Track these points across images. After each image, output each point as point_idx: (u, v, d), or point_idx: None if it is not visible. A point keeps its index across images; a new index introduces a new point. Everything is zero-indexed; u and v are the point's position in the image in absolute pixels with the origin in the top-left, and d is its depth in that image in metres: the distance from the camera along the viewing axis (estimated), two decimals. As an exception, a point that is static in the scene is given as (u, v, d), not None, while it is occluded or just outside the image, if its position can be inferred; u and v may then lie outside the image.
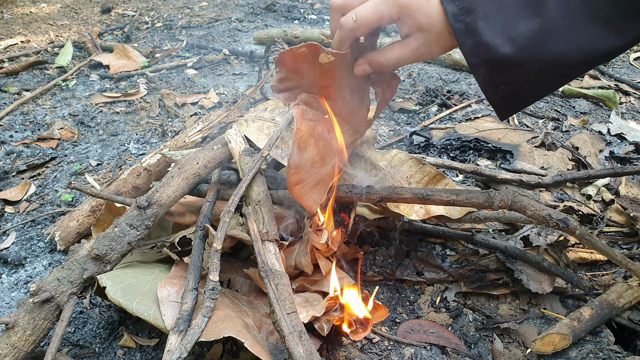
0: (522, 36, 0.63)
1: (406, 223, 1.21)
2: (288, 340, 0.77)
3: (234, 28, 3.33)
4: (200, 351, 1.00)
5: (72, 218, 1.33)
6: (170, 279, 0.96)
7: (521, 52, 0.64)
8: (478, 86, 2.22)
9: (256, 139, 1.16)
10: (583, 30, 0.63)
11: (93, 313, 1.12)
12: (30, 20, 3.61)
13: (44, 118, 2.09)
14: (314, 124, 0.92)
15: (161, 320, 0.86)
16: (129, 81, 2.49)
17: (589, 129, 1.85)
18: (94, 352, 1.03)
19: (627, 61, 2.48)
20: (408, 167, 1.20)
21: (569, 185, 1.48)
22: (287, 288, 0.85)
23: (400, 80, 0.98)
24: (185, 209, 1.21)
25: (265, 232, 0.92)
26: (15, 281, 1.24)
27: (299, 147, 0.91)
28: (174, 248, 1.09)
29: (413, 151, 1.72)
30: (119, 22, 3.58)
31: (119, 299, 0.87)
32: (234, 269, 1.12)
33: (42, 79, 2.54)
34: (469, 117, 1.94)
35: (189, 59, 2.70)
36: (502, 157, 1.66)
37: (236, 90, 2.31)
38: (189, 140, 1.43)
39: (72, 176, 1.68)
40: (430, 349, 0.98)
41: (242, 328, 0.84)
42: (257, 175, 0.99)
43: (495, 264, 1.17)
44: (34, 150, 1.83)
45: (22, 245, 1.37)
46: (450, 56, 2.45)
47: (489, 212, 1.17)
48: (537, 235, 1.24)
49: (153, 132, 1.96)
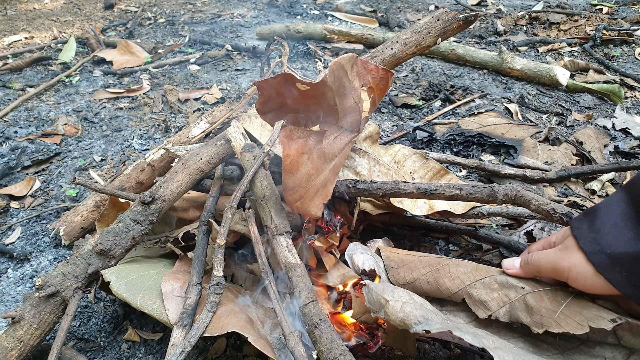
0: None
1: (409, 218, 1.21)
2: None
3: (236, 23, 3.33)
4: (204, 345, 1.00)
5: (77, 213, 1.34)
6: (174, 274, 0.97)
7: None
8: (482, 82, 2.21)
9: (259, 135, 1.16)
10: None
11: (98, 307, 1.13)
12: (33, 17, 3.61)
13: (48, 114, 2.10)
14: (304, 141, 0.92)
15: (165, 315, 0.86)
16: (132, 77, 2.49)
17: (594, 124, 1.84)
18: (99, 345, 1.03)
19: (632, 55, 2.46)
20: (412, 162, 1.19)
21: (573, 180, 1.47)
22: (303, 279, 0.84)
23: (393, 73, 0.98)
24: (188, 204, 1.22)
25: (274, 227, 0.92)
26: (20, 276, 1.25)
27: (290, 171, 0.91)
28: (178, 243, 1.09)
29: (416, 146, 1.72)
30: (122, 18, 3.58)
31: (123, 294, 0.88)
32: (237, 263, 1.13)
33: (46, 75, 2.54)
34: (473, 112, 1.94)
35: (192, 55, 2.70)
36: (505, 152, 1.66)
37: (239, 86, 2.31)
38: (193, 139, 1.43)
39: (76, 172, 1.69)
40: (433, 344, 0.99)
41: (245, 323, 0.85)
42: (260, 171, 0.99)
43: (499, 259, 1.17)
44: (39, 146, 1.84)
45: (28, 240, 1.38)
46: (453, 51, 2.44)
47: (493, 207, 1.17)
48: (540, 230, 1.23)
49: (156, 127, 1.96)
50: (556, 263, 0.72)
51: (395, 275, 0.93)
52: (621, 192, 0.70)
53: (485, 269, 0.84)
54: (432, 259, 0.91)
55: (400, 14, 3.38)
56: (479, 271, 0.83)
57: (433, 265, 0.89)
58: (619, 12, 3.09)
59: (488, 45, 2.74)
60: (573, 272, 0.69)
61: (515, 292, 0.76)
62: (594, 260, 0.66)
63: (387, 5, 3.58)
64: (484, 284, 0.80)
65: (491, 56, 2.33)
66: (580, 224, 0.72)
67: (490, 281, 0.80)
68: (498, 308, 0.76)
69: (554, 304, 0.73)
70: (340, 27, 2.83)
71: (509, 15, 3.10)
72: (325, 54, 2.66)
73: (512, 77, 2.27)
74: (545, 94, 2.09)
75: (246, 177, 0.96)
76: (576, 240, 0.70)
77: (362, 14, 3.39)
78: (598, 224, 0.69)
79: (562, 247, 0.73)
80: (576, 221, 0.74)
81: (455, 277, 0.84)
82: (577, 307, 0.71)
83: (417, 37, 1.19)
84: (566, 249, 0.72)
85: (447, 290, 0.84)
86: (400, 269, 0.93)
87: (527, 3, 3.49)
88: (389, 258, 0.97)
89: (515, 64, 2.23)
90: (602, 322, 0.66)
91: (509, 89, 2.17)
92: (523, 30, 2.89)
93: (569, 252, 0.71)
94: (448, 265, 0.87)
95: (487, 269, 0.84)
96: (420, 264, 0.91)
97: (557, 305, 0.72)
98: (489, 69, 2.35)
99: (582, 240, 0.69)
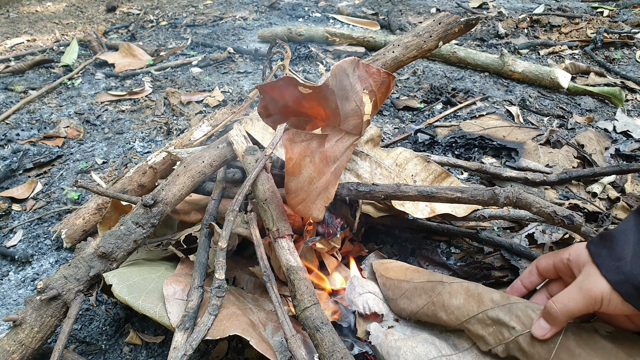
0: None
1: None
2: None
3: (238, 26, 3.34)
4: (206, 348, 1.00)
5: (79, 216, 1.34)
6: (176, 277, 0.97)
7: None
8: (483, 84, 2.21)
9: (261, 138, 1.17)
10: None
11: (99, 310, 1.13)
12: (36, 19, 3.62)
13: (50, 116, 2.10)
14: (306, 144, 0.93)
15: (167, 318, 0.86)
16: (134, 79, 2.50)
17: (595, 127, 1.84)
18: (100, 348, 1.03)
19: (633, 58, 2.46)
20: (413, 165, 1.19)
21: (574, 183, 1.47)
22: (305, 282, 0.84)
23: (395, 77, 0.98)
24: (190, 207, 1.22)
25: (275, 230, 0.92)
26: (22, 278, 1.25)
27: (292, 174, 0.92)
28: (180, 246, 1.09)
29: (418, 149, 1.72)
30: (124, 20, 3.59)
31: (125, 297, 0.88)
32: (239, 266, 1.13)
33: (48, 78, 2.55)
34: (474, 115, 1.94)
35: (194, 57, 2.71)
36: (507, 155, 1.66)
37: (241, 89, 2.32)
38: (195, 141, 1.44)
39: (78, 174, 1.69)
40: (435, 346, 0.98)
41: (247, 326, 0.85)
42: (262, 174, 1.00)
43: (500, 261, 1.17)
44: (41, 149, 1.84)
45: (29, 242, 1.38)
46: (455, 54, 2.44)
47: (494, 210, 1.17)
48: (542, 233, 1.23)
49: (158, 130, 1.96)
50: (587, 297, 0.72)
51: (395, 307, 0.96)
52: (634, 218, 0.72)
53: (477, 297, 0.85)
54: (426, 284, 0.93)
55: (402, 17, 3.39)
56: (471, 302, 0.85)
57: (427, 292, 0.91)
58: (620, 14, 3.09)
59: (489, 48, 2.74)
60: (605, 300, 0.71)
61: (508, 332, 0.79)
62: (621, 291, 0.69)
63: (388, 8, 3.58)
64: (478, 320, 0.82)
65: (492, 59, 2.33)
66: (600, 251, 0.73)
67: (483, 317, 0.82)
68: (496, 344, 0.80)
69: (545, 350, 0.75)
70: (342, 30, 2.84)
71: (510, 18, 3.10)
72: (327, 57, 2.66)
73: (514, 79, 2.27)
74: (547, 96, 2.09)
75: (248, 180, 0.97)
76: (599, 269, 0.71)
77: (364, 17, 3.40)
78: (619, 252, 0.71)
79: (584, 277, 0.74)
80: (594, 247, 0.74)
81: (450, 312, 0.86)
82: (566, 355, 0.74)
83: (419, 41, 1.19)
84: (589, 278, 0.73)
85: (446, 324, 0.87)
86: (399, 299, 0.95)
87: (528, 6, 3.49)
88: (385, 286, 1.00)
89: (516, 66, 2.24)
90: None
91: (510, 91, 2.17)
92: (524, 33, 2.89)
93: (593, 281, 0.72)
94: (441, 295, 0.88)
95: (479, 298, 0.84)
96: (416, 292, 0.93)
97: (548, 352, 0.75)
98: (490, 71, 2.36)
99: (604, 269, 0.71)
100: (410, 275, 0.97)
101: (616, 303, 0.70)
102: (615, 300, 0.70)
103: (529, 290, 0.90)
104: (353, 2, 3.83)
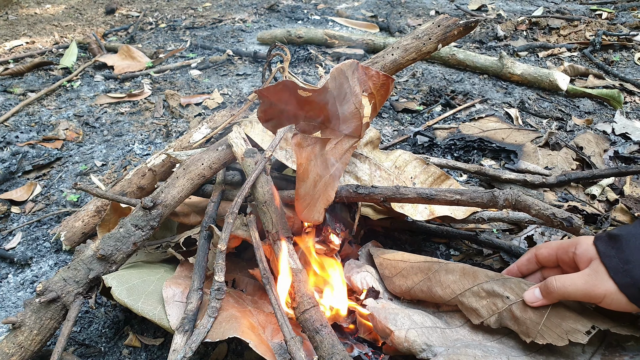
0: None
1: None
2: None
3: (237, 28, 3.34)
4: (205, 351, 1.00)
5: (78, 218, 1.34)
6: (175, 279, 0.97)
7: None
8: (482, 86, 2.22)
9: (260, 140, 1.17)
10: None
11: (99, 313, 1.13)
12: (35, 22, 3.63)
13: (49, 119, 2.10)
14: (311, 148, 0.94)
15: (166, 320, 0.86)
16: (134, 82, 2.50)
17: (594, 129, 1.84)
18: (99, 351, 1.03)
19: (631, 60, 2.47)
20: (412, 167, 1.20)
21: (573, 185, 1.47)
22: (304, 284, 0.85)
23: (394, 80, 0.99)
24: (190, 209, 1.22)
25: (275, 232, 0.92)
26: (21, 281, 1.25)
27: (302, 180, 0.94)
28: (179, 248, 1.09)
29: (417, 151, 1.72)
30: (123, 22, 3.59)
31: (124, 299, 0.88)
32: (238, 268, 1.13)
33: (47, 80, 2.55)
34: (473, 117, 1.94)
35: (193, 60, 2.71)
36: (506, 157, 1.66)
37: (240, 91, 2.32)
38: (194, 144, 1.44)
39: (77, 176, 1.69)
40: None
41: (246, 328, 0.85)
42: (261, 176, 1.00)
43: (500, 263, 1.17)
44: (40, 151, 1.84)
45: (28, 245, 1.38)
46: (454, 56, 2.45)
47: (493, 212, 1.17)
48: (541, 235, 1.23)
49: (157, 132, 1.96)
50: (589, 291, 0.75)
51: (391, 285, 0.99)
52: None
53: (472, 273, 0.89)
54: (423, 264, 0.95)
55: (401, 19, 3.39)
56: (467, 278, 0.88)
57: (424, 271, 0.94)
58: (618, 17, 3.10)
59: (488, 50, 2.75)
60: (608, 298, 0.73)
61: (502, 302, 0.83)
62: (628, 293, 0.71)
63: (387, 11, 3.59)
64: (472, 292, 0.86)
65: (491, 61, 2.34)
66: (608, 251, 0.75)
67: (478, 290, 0.86)
68: (488, 316, 0.83)
69: (536, 315, 0.79)
70: (341, 32, 2.84)
71: (509, 20, 3.11)
72: (327, 59, 2.66)
73: (513, 82, 2.27)
74: (546, 98, 2.10)
75: (247, 183, 0.97)
76: (607, 269, 0.74)
77: (363, 19, 3.41)
78: (627, 254, 0.73)
79: (591, 273, 0.76)
80: (602, 245, 0.76)
81: (446, 286, 0.89)
82: (557, 318, 0.77)
83: (418, 43, 1.20)
84: (596, 275, 0.75)
85: (440, 299, 0.90)
86: (395, 277, 0.98)
87: (527, 8, 3.50)
88: (382, 265, 1.02)
89: (515, 69, 2.24)
90: (578, 336, 0.74)
91: (509, 93, 2.17)
92: (523, 35, 2.90)
93: (600, 279, 0.74)
94: (438, 272, 0.91)
95: (474, 274, 0.88)
96: (412, 270, 0.96)
97: (540, 316, 0.79)
98: (489, 73, 2.36)
99: (612, 271, 0.73)
100: (407, 257, 1.00)
101: (621, 302, 0.72)
102: (621, 300, 0.72)
103: (523, 275, 0.93)
104: (352, 5, 3.83)
